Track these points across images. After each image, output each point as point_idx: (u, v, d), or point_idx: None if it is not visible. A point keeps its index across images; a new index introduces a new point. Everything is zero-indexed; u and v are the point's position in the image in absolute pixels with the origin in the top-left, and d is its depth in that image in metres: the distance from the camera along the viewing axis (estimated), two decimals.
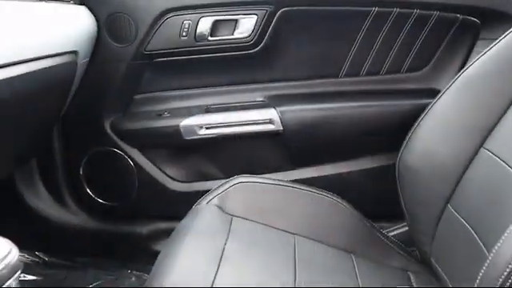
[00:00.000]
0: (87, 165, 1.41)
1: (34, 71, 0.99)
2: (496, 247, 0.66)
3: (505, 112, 0.97)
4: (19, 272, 0.51)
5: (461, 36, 1.32)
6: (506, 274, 0.60)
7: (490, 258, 0.66)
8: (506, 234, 0.66)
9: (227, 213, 1.03)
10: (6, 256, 0.49)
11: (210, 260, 0.86)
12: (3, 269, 0.48)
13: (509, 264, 0.60)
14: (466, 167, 0.98)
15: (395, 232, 1.23)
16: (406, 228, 1.16)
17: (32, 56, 0.99)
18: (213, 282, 0.79)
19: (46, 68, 1.03)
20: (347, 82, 1.36)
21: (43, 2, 1.14)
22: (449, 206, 0.98)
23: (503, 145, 0.93)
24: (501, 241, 0.66)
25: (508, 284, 0.60)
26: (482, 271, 0.66)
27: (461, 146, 0.98)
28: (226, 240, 0.94)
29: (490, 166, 0.91)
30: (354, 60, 1.34)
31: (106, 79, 1.33)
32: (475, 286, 0.67)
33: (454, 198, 0.98)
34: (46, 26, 1.09)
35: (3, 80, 0.87)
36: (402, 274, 1.04)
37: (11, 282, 0.47)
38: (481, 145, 0.97)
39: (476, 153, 0.97)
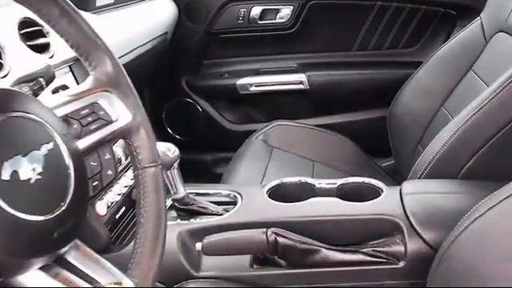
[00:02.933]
0: (168, 110, 1.92)
1: (141, 54, 1.44)
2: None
3: (459, 82, 1.37)
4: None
5: (442, 23, 1.73)
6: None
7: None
8: None
9: (269, 145, 1.51)
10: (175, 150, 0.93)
11: (258, 174, 1.35)
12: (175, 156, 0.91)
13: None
14: (431, 120, 1.36)
15: (386, 163, 1.68)
16: (393, 161, 1.60)
17: (140, 44, 1.44)
18: (261, 182, 1.28)
19: (149, 49, 1.51)
20: (357, 55, 1.81)
21: (140, 4, 1.54)
22: (419, 146, 1.40)
23: (455, 105, 1.32)
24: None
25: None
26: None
27: (429, 105, 1.36)
28: (268, 163, 1.43)
29: (446, 120, 1.23)
30: (363, 38, 1.78)
31: (183, 50, 1.81)
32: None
33: (423, 139, 1.40)
34: (146, 19, 1.54)
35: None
36: None
37: (176, 165, 0.94)
38: (442, 104, 1.37)
39: (438, 110, 1.37)
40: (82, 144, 0.56)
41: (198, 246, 0.87)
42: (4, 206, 0.42)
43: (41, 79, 0.68)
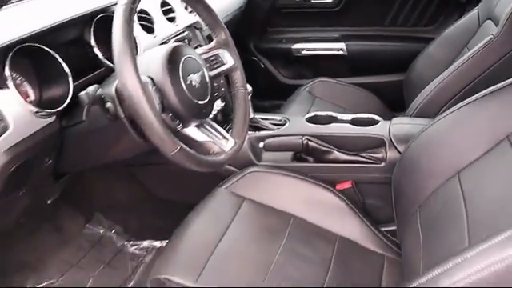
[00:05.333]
0: None
1: (225, 22, 1.99)
2: None
3: (457, 54, 1.77)
4: None
5: (455, 9, 2.17)
6: None
7: None
8: None
9: (313, 95, 2.03)
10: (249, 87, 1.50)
11: (302, 113, 1.89)
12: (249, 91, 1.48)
13: None
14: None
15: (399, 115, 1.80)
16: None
17: (225, 14, 1.99)
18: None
19: (230, 19, 2.06)
20: (386, 30, 2.30)
21: None
22: None
23: None
24: None
25: None
26: None
27: (434, 71, 1.69)
28: (310, 107, 1.96)
29: None
30: (392, 17, 2.27)
31: (253, 20, 2.36)
32: None
33: None
34: None
35: None
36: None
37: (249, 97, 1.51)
38: (443, 70, 1.80)
39: (440, 74, 1.81)
40: (211, 73, 1.14)
41: (261, 145, 1.45)
42: (191, 97, 1.00)
43: (186, 40, 1.26)
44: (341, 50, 2.30)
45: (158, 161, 1.55)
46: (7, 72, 1.00)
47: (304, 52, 2.36)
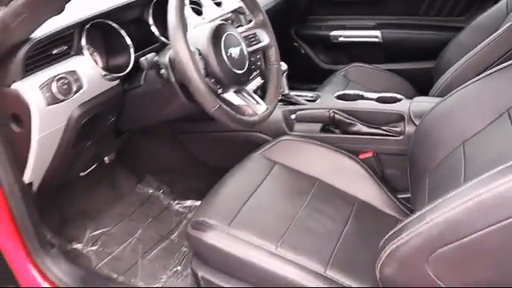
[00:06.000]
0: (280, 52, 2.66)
1: (268, 9, 2.18)
2: None
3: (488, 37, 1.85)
4: None
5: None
6: None
7: None
8: None
9: (348, 79, 2.16)
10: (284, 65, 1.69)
11: (334, 92, 2.05)
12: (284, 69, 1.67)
13: None
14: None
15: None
16: None
17: (267, 2, 2.18)
18: None
19: (272, 6, 2.24)
20: (420, 19, 2.41)
21: None
22: None
23: None
24: None
25: None
26: None
27: (463, 57, 1.77)
28: (344, 89, 2.12)
29: None
30: (428, 6, 2.37)
31: (294, 8, 2.54)
32: None
33: None
34: None
35: None
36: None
37: (284, 74, 1.69)
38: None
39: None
40: (250, 49, 1.33)
41: (293, 116, 1.63)
42: (230, 67, 1.20)
43: (229, 21, 1.46)
44: (376, 37, 2.44)
45: (203, 129, 1.77)
46: (83, 42, 1.23)
47: (341, 39, 2.51)
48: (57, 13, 1.05)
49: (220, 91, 1.22)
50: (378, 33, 2.43)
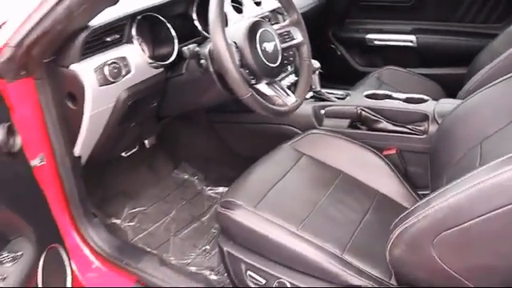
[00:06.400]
0: (316, 51, 2.74)
1: (306, 11, 2.28)
2: None
3: None
4: None
5: None
6: None
7: None
8: None
9: (381, 81, 2.24)
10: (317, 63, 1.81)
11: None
12: (316, 67, 1.80)
13: None
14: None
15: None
16: None
17: (305, 4, 2.28)
18: None
19: (310, 8, 2.34)
20: (455, 25, 2.45)
21: None
22: None
23: None
24: None
25: None
26: None
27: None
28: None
29: None
30: (463, 12, 2.41)
31: (333, 11, 2.63)
32: None
33: None
34: None
35: None
36: None
37: (316, 72, 1.80)
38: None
39: None
40: (283, 45, 1.44)
41: (322, 111, 1.73)
42: (264, 60, 1.31)
43: (266, 19, 1.57)
44: (411, 41, 2.50)
45: (238, 120, 1.89)
46: (133, 32, 1.37)
47: (376, 42, 2.58)
48: (112, 4, 1.19)
49: (253, 82, 1.33)
50: (413, 37, 2.49)
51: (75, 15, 1.11)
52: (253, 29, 1.33)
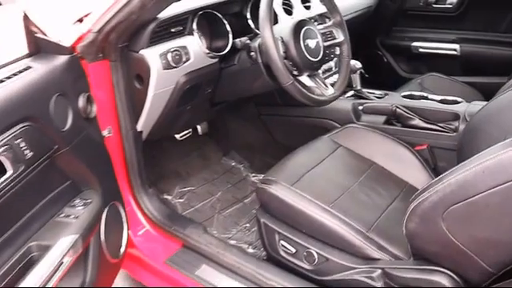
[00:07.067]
0: (363, 57, 2.86)
1: (354, 16, 2.43)
2: None
3: None
4: None
5: None
6: None
7: None
8: None
9: (423, 87, 2.33)
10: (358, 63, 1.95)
11: None
12: (358, 68, 1.94)
13: None
14: None
15: None
16: None
17: (353, 10, 2.43)
18: None
19: (358, 14, 2.48)
20: (499, 36, 2.52)
21: None
22: None
23: None
24: None
25: None
26: None
27: None
28: None
29: None
30: (508, 23, 2.48)
31: (381, 19, 2.75)
32: None
33: None
34: None
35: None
36: None
37: (358, 72, 1.95)
38: None
39: None
40: (325, 44, 1.60)
41: (361, 108, 1.88)
42: (306, 54, 1.48)
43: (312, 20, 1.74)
44: (454, 50, 2.59)
45: (284, 113, 2.06)
46: (194, 26, 1.59)
47: (421, 50, 2.69)
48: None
49: (296, 73, 1.51)
50: (456, 46, 2.58)
51: (147, 8, 1.33)
52: (298, 27, 1.50)
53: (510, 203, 0.95)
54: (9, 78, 1.05)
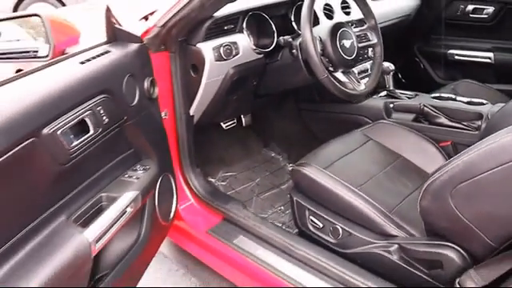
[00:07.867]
0: (401, 63, 3.02)
1: (392, 23, 2.59)
2: None
3: None
4: None
5: None
6: None
7: None
8: None
9: (456, 92, 2.50)
10: (391, 65, 2.12)
11: None
12: (391, 69, 2.12)
13: None
14: None
15: None
16: None
17: (391, 18, 2.59)
18: None
19: (396, 22, 2.65)
20: None
21: None
22: None
23: None
24: None
25: None
26: None
27: None
28: None
29: None
30: None
31: (419, 27, 2.90)
32: None
33: None
34: (397, 4, 2.68)
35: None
36: None
37: (391, 73, 2.12)
38: None
39: None
40: (360, 45, 1.79)
41: (392, 105, 2.04)
42: (341, 52, 1.68)
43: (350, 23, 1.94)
44: (489, 58, 2.70)
45: (322, 109, 2.26)
46: (244, 25, 1.82)
47: (457, 57, 2.81)
48: (232, 1, 1.64)
49: (331, 69, 1.70)
50: (491, 54, 2.69)
51: (205, 7, 1.55)
52: (335, 28, 1.71)
53: (510, 181, 1.08)
54: (94, 58, 1.30)
